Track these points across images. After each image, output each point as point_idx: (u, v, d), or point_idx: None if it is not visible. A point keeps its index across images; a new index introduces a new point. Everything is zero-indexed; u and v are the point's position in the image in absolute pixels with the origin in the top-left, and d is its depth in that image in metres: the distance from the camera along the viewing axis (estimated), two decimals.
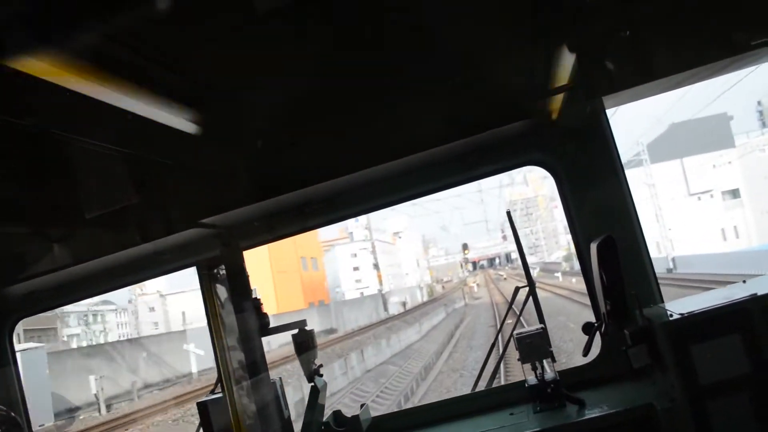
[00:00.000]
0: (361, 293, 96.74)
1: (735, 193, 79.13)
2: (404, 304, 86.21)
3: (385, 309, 78.36)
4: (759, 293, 3.99)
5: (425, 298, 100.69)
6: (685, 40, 4.41)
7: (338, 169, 4.87)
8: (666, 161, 71.96)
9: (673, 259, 60.16)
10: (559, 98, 4.80)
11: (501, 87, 4.81)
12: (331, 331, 58.63)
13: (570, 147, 5.18)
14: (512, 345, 5.16)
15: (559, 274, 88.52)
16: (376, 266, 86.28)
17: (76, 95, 3.24)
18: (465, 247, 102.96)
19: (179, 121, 4.08)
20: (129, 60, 3.40)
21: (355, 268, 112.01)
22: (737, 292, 4.16)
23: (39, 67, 2.94)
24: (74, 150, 4.13)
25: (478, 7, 3.99)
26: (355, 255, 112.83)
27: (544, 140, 5.23)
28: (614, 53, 4.39)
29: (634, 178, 64.37)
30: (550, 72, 4.54)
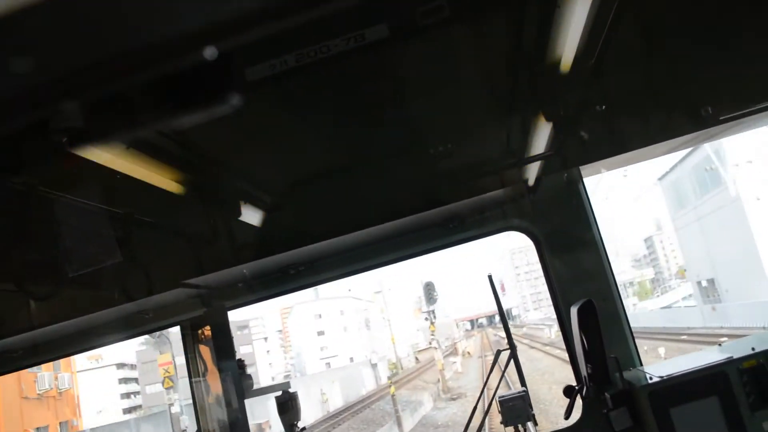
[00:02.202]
0: (328, 364, 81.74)
1: None
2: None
3: None
4: (734, 356, 4.17)
5: (373, 387, 63.20)
6: (658, 114, 4.75)
7: (322, 233, 5.09)
8: None
9: None
10: (537, 166, 5.05)
11: (481, 155, 5.09)
12: None
13: (548, 214, 5.45)
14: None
15: None
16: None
17: (66, 153, 3.41)
18: (429, 290, 49.26)
19: (167, 182, 4.27)
20: (119, 121, 3.58)
21: (320, 333, 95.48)
22: (714, 356, 4.35)
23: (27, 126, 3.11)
24: (60, 207, 4.27)
25: (459, 80, 4.29)
26: (320, 316, 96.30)
27: (523, 207, 5.51)
28: (590, 125, 4.69)
29: None
30: (528, 141, 4.83)
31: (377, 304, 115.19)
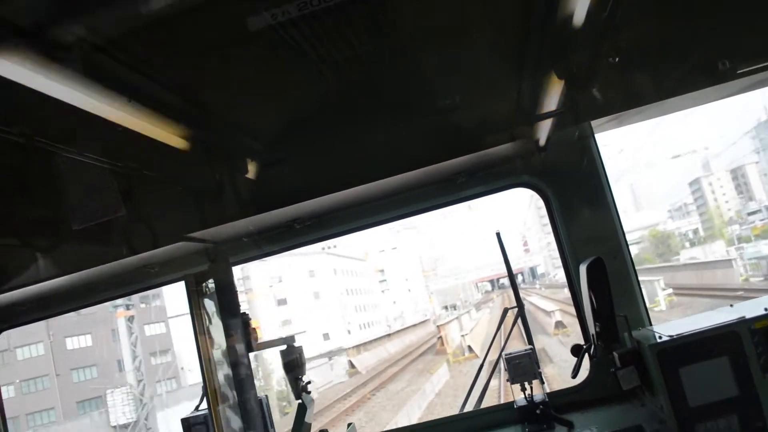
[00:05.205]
0: None
1: None
2: None
3: None
4: (747, 316, 4.21)
5: None
6: (672, 68, 4.71)
7: (327, 187, 5.15)
8: None
9: None
10: (548, 122, 5.05)
11: (490, 109, 5.09)
12: None
13: (559, 170, 5.48)
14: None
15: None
16: None
17: (67, 106, 3.48)
18: None
19: (169, 136, 4.32)
20: (121, 73, 3.63)
21: (281, 302, 72.22)
22: (725, 316, 4.39)
23: (29, 75, 3.18)
24: (62, 161, 4.35)
25: (468, 32, 4.28)
26: (280, 280, 73.40)
27: (533, 163, 5.54)
28: (602, 79, 4.66)
29: None
30: (539, 96, 4.83)
31: (369, 262, 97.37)
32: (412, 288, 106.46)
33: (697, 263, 61.37)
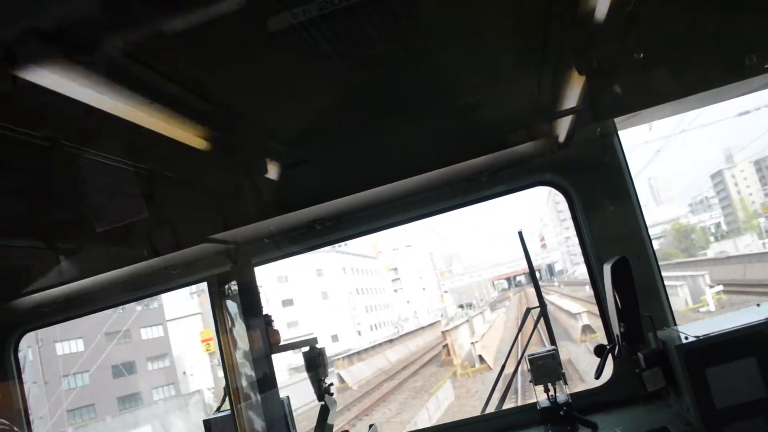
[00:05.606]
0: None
1: None
2: None
3: None
4: None
5: None
6: (697, 63, 4.65)
7: (348, 187, 5.15)
8: None
9: None
10: (570, 119, 5.01)
11: (512, 107, 5.05)
12: None
13: (582, 168, 5.43)
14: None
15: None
16: None
17: (90, 108, 3.52)
18: None
19: (191, 137, 4.35)
20: (143, 76, 3.66)
21: (286, 302, 69.83)
22: (752, 316, 4.34)
23: (52, 79, 3.21)
24: (85, 163, 4.39)
25: (489, 30, 4.26)
26: (286, 279, 71.77)
27: (555, 161, 5.49)
28: (624, 76, 4.61)
29: None
30: (560, 94, 4.78)
31: (380, 260, 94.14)
32: (427, 287, 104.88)
33: (740, 256, 56.32)
